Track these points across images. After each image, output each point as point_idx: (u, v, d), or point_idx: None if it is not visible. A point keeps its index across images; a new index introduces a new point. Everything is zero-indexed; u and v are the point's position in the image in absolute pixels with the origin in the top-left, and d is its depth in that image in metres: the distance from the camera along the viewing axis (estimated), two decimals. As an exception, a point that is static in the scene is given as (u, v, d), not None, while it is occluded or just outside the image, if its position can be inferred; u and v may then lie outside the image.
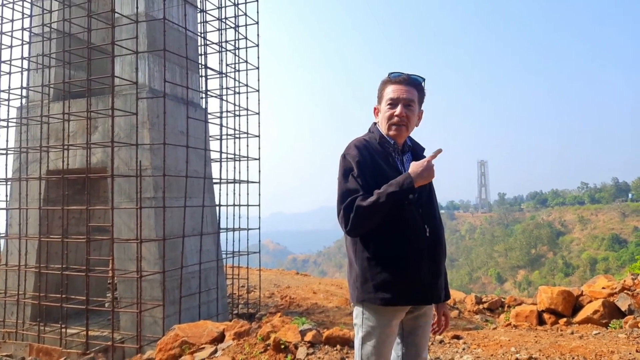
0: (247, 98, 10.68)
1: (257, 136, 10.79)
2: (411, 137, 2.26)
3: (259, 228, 10.69)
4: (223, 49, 10.55)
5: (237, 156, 10.51)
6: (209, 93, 10.14)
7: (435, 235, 2.10)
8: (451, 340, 4.90)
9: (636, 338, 4.71)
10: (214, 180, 10.11)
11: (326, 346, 4.40)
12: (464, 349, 4.54)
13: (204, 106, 10.01)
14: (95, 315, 8.89)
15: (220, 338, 5.02)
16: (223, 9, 10.51)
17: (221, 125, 10.25)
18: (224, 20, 10.53)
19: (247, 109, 10.63)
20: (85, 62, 7.93)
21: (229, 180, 10.43)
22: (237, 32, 10.62)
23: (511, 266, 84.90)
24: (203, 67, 10.38)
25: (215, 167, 10.36)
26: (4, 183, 9.42)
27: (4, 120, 9.39)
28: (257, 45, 10.96)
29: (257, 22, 10.94)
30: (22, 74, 9.15)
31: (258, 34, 11.02)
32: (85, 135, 8.03)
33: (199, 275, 8.68)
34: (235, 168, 10.47)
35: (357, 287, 2.07)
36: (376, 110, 2.24)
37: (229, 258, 10.55)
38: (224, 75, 10.49)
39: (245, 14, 10.71)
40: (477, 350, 4.46)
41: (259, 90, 10.88)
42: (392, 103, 2.12)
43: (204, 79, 10.28)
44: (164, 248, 7.88)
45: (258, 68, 10.96)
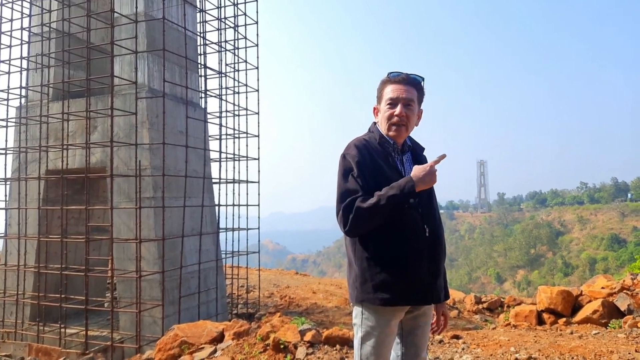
0: (247, 98, 10.70)
1: (256, 136, 10.79)
2: (411, 136, 2.25)
3: (259, 228, 10.71)
4: (222, 49, 10.55)
5: (236, 156, 10.52)
6: (208, 93, 10.14)
7: (434, 236, 2.09)
8: (450, 340, 4.90)
9: (635, 338, 4.71)
10: (214, 180, 10.10)
11: (326, 346, 4.40)
12: (463, 348, 4.54)
13: (203, 106, 10.00)
14: (95, 315, 8.88)
15: (220, 338, 5.02)
16: (222, 9, 10.53)
17: (220, 125, 10.26)
18: (223, 20, 10.52)
19: (247, 109, 10.63)
20: (85, 61, 7.91)
21: (229, 180, 10.44)
22: (236, 32, 10.63)
23: (510, 266, 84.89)
24: (202, 66, 10.38)
25: (214, 167, 10.38)
26: (3, 183, 9.41)
27: (3, 120, 9.38)
28: (257, 45, 10.97)
29: (257, 22, 10.95)
30: (21, 74, 9.14)
31: (257, 34, 11.04)
32: (84, 135, 8.03)
33: (198, 275, 8.68)
34: (234, 168, 10.49)
35: (357, 287, 2.06)
36: (376, 110, 2.23)
37: (229, 258, 10.55)
38: (223, 75, 10.49)
39: (245, 14, 10.72)
40: (476, 350, 4.46)
41: (258, 90, 10.90)
42: (392, 103, 2.11)
43: (203, 78, 10.27)
44: (164, 248, 7.88)
45: (257, 68, 10.96)
